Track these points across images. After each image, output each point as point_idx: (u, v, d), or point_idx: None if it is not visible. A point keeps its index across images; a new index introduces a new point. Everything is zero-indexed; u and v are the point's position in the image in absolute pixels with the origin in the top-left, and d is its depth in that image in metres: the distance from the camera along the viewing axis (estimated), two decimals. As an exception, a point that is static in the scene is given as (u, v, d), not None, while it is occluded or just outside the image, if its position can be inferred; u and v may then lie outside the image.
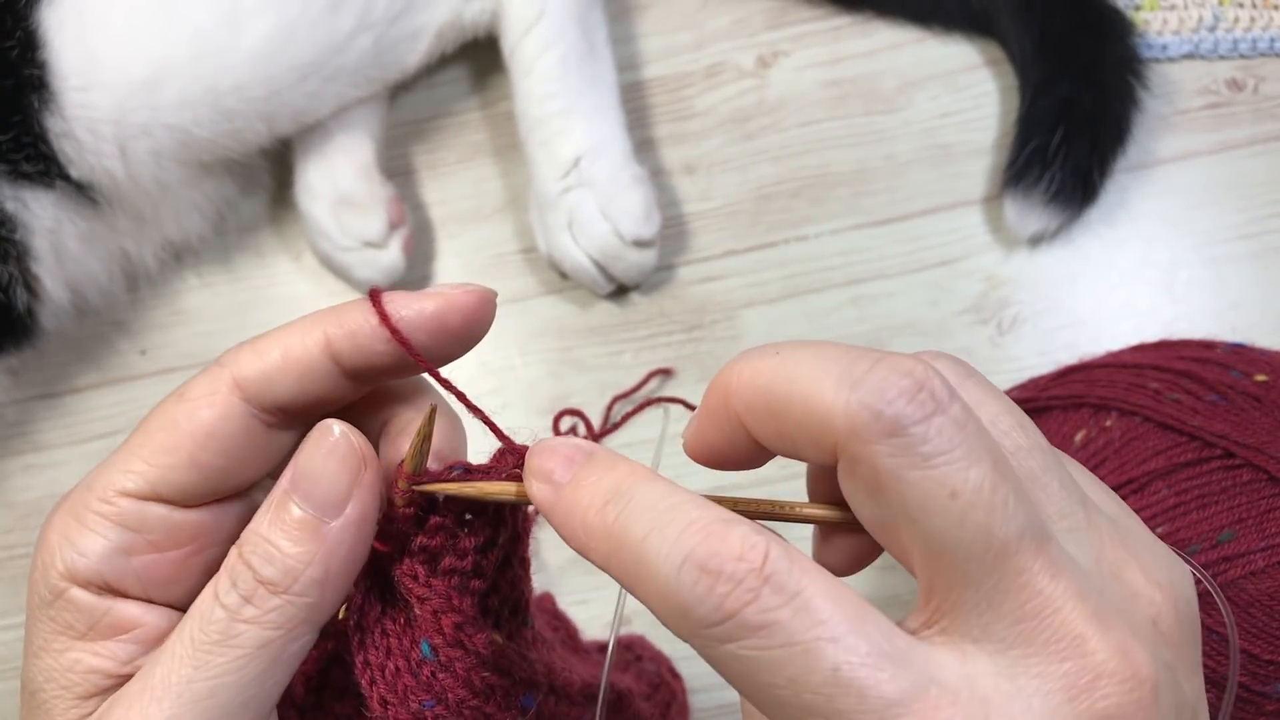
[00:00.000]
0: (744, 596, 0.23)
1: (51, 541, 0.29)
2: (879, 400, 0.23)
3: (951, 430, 0.23)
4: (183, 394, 0.30)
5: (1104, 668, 0.23)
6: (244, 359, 0.29)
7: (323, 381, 0.29)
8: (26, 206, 0.58)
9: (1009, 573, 0.23)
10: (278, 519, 0.28)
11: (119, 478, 0.29)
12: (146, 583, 0.29)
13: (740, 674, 0.23)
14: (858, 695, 0.22)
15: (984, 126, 0.68)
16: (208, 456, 0.29)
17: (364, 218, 0.65)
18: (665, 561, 0.24)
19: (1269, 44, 0.67)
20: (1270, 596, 0.43)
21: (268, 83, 0.60)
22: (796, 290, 0.66)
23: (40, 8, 0.57)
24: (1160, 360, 0.51)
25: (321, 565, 0.28)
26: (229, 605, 0.28)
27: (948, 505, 0.23)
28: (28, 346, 0.63)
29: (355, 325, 0.29)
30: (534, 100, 0.64)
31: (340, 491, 0.28)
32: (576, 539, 0.26)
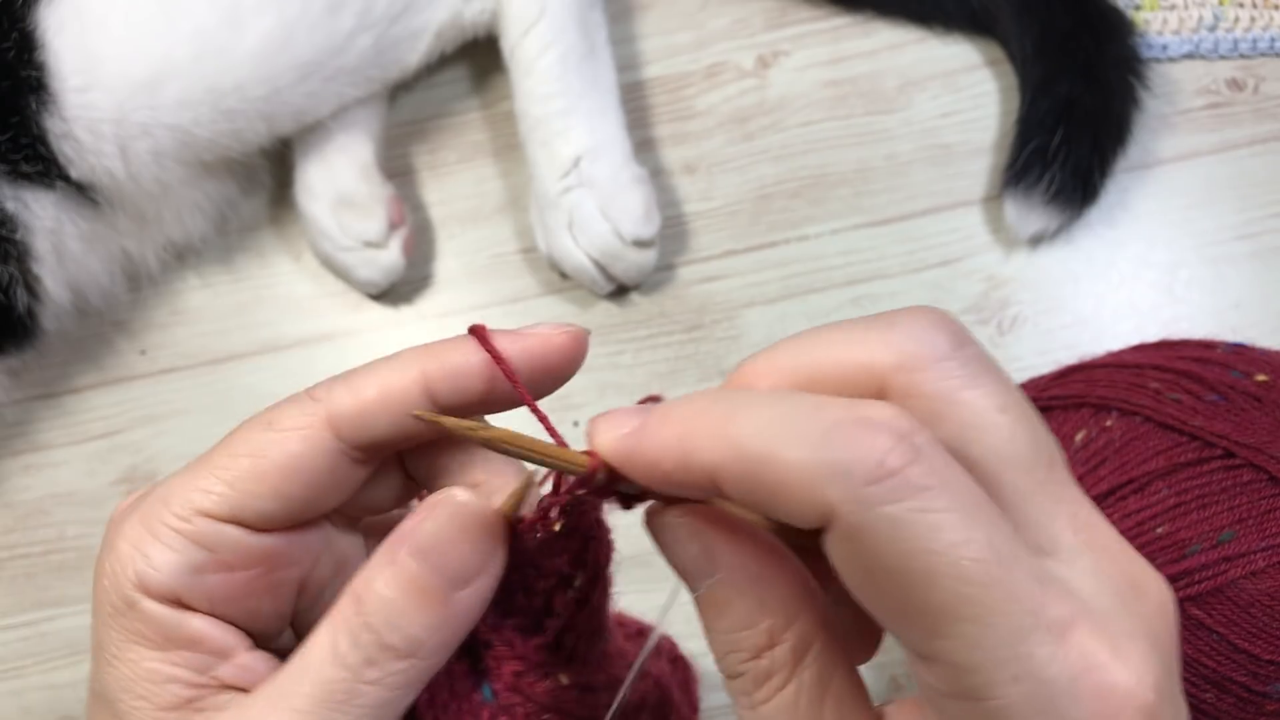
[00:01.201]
0: (907, 454, 0.22)
1: (122, 550, 0.29)
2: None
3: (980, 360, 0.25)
4: (271, 422, 0.29)
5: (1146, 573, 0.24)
6: (337, 394, 0.29)
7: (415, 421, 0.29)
8: (27, 207, 0.58)
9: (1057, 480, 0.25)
10: (404, 585, 0.27)
11: (199, 497, 0.28)
12: (214, 601, 0.29)
13: (891, 541, 0.22)
14: (1010, 567, 0.22)
15: (984, 126, 0.68)
16: (292, 488, 0.29)
17: (364, 218, 0.65)
18: (806, 432, 0.22)
19: (1269, 44, 0.67)
20: (1270, 596, 0.43)
21: (268, 82, 0.60)
22: (796, 290, 0.66)
23: (38, 8, 0.57)
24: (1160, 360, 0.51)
25: (445, 633, 0.28)
26: (352, 666, 0.27)
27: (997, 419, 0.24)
28: (28, 347, 0.63)
29: (456, 365, 0.28)
30: (534, 100, 0.64)
31: (473, 567, 0.28)
32: (672, 454, 0.24)
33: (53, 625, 0.63)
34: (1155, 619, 0.24)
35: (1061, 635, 0.22)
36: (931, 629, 0.22)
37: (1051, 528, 0.24)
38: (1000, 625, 0.22)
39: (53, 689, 0.62)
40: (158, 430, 0.66)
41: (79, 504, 0.65)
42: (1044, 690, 0.22)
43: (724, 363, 0.65)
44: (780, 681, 0.26)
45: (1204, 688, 0.44)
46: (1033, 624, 0.22)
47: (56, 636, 0.63)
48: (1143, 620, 0.24)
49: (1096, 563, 0.24)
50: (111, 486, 0.65)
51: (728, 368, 0.64)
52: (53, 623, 0.63)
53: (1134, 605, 0.24)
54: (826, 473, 0.22)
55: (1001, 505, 0.24)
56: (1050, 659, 0.22)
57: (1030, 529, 0.24)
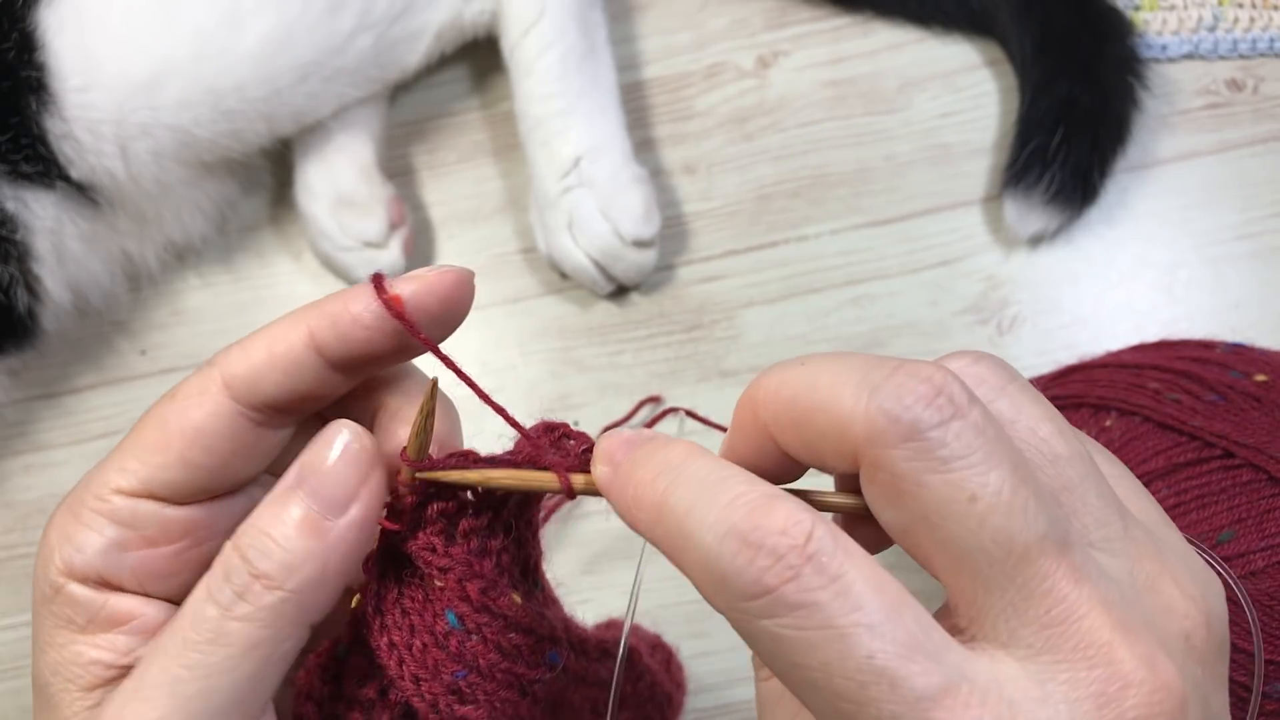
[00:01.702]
0: (785, 573, 0.23)
1: (50, 539, 0.30)
2: (896, 405, 0.23)
3: (970, 435, 0.23)
4: (174, 394, 0.30)
5: (1132, 677, 0.23)
6: (232, 358, 0.29)
7: (309, 376, 0.29)
8: (27, 207, 0.58)
9: (1031, 578, 0.23)
10: (279, 514, 0.28)
11: (113, 476, 0.29)
12: (141, 577, 0.30)
13: (774, 652, 0.23)
14: (890, 685, 0.22)
15: (984, 126, 0.68)
16: (197, 455, 0.29)
17: (364, 218, 0.65)
18: (708, 531, 0.24)
19: (1269, 44, 0.67)
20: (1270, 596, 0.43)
21: (268, 83, 0.60)
22: (796, 290, 0.66)
23: (38, 9, 0.57)
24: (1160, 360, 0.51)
25: (320, 563, 0.28)
26: (221, 601, 0.28)
27: (967, 510, 0.23)
28: (28, 347, 0.63)
29: (337, 314, 0.29)
30: (534, 100, 0.64)
31: (347, 491, 0.28)
32: (628, 513, 0.27)
33: (53, 625, 0.63)
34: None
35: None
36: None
37: (1011, 623, 0.23)
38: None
39: (53, 689, 0.62)
40: (158, 430, 0.66)
41: (79, 504, 0.65)
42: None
43: (723, 363, 0.65)
44: None
45: (1203, 687, 0.44)
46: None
47: (56, 636, 0.63)
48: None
49: (1055, 664, 0.23)
50: (111, 486, 0.66)
51: (727, 368, 0.65)
52: (53, 623, 0.63)
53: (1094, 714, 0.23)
54: (715, 586, 0.24)
55: (967, 594, 0.24)
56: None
57: (986, 623, 0.24)
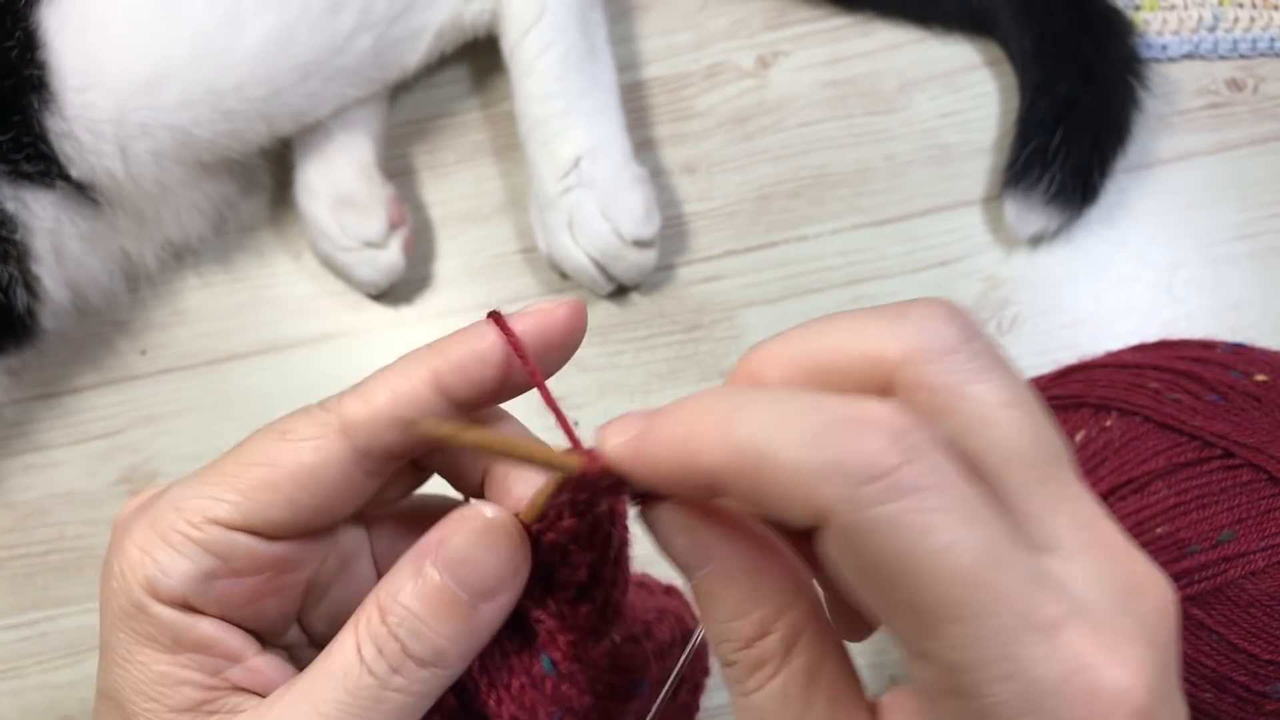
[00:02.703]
0: (903, 454, 0.21)
1: (132, 554, 0.29)
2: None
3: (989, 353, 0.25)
4: (285, 431, 0.29)
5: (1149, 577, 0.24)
6: (350, 404, 0.29)
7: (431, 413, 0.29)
8: (27, 207, 0.58)
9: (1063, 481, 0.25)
10: (430, 598, 0.28)
11: (211, 505, 0.29)
12: (223, 605, 0.29)
13: (885, 541, 0.22)
14: (1004, 568, 0.22)
15: (984, 126, 0.68)
16: (306, 498, 0.29)
17: (364, 218, 0.65)
18: (801, 431, 0.22)
19: (1269, 44, 0.67)
20: (1270, 596, 0.43)
21: (268, 83, 0.60)
22: (796, 290, 0.66)
23: (40, 7, 0.57)
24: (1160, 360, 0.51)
25: (469, 643, 0.28)
26: (378, 674, 0.28)
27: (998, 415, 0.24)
28: (28, 347, 0.63)
29: (463, 357, 0.29)
30: (534, 100, 0.64)
31: (496, 581, 0.28)
32: (674, 454, 0.24)
33: (53, 625, 0.63)
34: (1154, 620, 0.24)
35: (1053, 635, 0.22)
36: (922, 629, 0.22)
37: (1051, 525, 0.24)
38: (989, 626, 0.22)
39: (52, 689, 0.62)
40: (158, 430, 0.66)
41: (79, 504, 0.65)
42: (1034, 689, 0.22)
43: (724, 363, 0.65)
44: (771, 671, 0.26)
45: (1204, 687, 0.44)
46: (1023, 624, 0.22)
47: (56, 636, 0.63)
48: (1140, 621, 0.24)
49: (1095, 562, 0.24)
50: (111, 486, 0.65)
51: (728, 368, 0.64)
52: (53, 623, 0.63)
53: (1132, 605, 0.24)
54: (820, 472, 0.22)
55: (1002, 500, 0.24)
56: (1041, 659, 0.22)
57: (1029, 525, 0.24)
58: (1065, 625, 0.22)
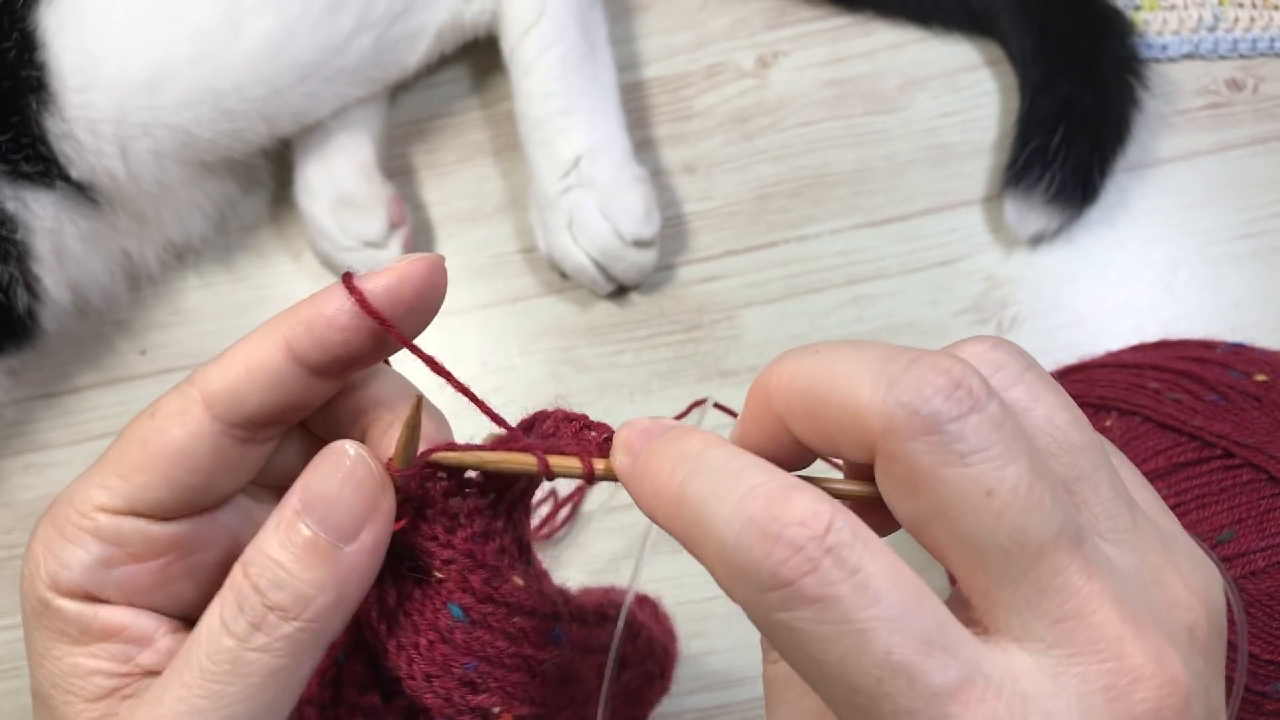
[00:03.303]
0: (804, 565, 0.22)
1: (36, 553, 0.29)
2: (915, 398, 0.23)
3: (988, 429, 0.23)
4: (154, 411, 0.29)
5: (1141, 671, 0.23)
6: (210, 375, 0.29)
7: (291, 386, 0.29)
8: (27, 207, 0.58)
9: (1045, 573, 0.23)
10: (288, 541, 0.27)
11: (96, 493, 0.29)
12: (128, 591, 0.29)
13: (790, 644, 0.23)
14: (907, 680, 0.22)
15: (984, 126, 0.68)
16: (181, 474, 0.29)
17: (364, 218, 0.65)
18: (725, 524, 0.24)
19: (1269, 44, 0.67)
20: (1270, 596, 0.43)
21: (268, 83, 0.60)
22: (796, 290, 0.66)
23: (39, 8, 0.57)
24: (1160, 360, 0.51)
25: (335, 591, 0.28)
26: (238, 633, 0.27)
27: (984, 504, 0.23)
28: (28, 347, 0.63)
29: (311, 319, 0.28)
30: (534, 100, 0.64)
31: (357, 518, 0.28)
32: (646, 503, 0.27)
33: (53, 625, 0.63)
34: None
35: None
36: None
37: (1024, 617, 0.24)
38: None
39: (53, 689, 0.62)
40: (158, 430, 0.66)
41: (79, 504, 0.65)
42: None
43: (723, 363, 0.65)
44: None
45: (1203, 687, 0.44)
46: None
47: (56, 636, 0.63)
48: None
49: (1068, 658, 0.23)
50: (111, 486, 0.66)
51: (727, 368, 0.65)
52: (53, 623, 0.63)
53: (1105, 707, 0.23)
54: (733, 577, 0.24)
55: (979, 588, 0.24)
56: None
57: (1000, 616, 0.24)
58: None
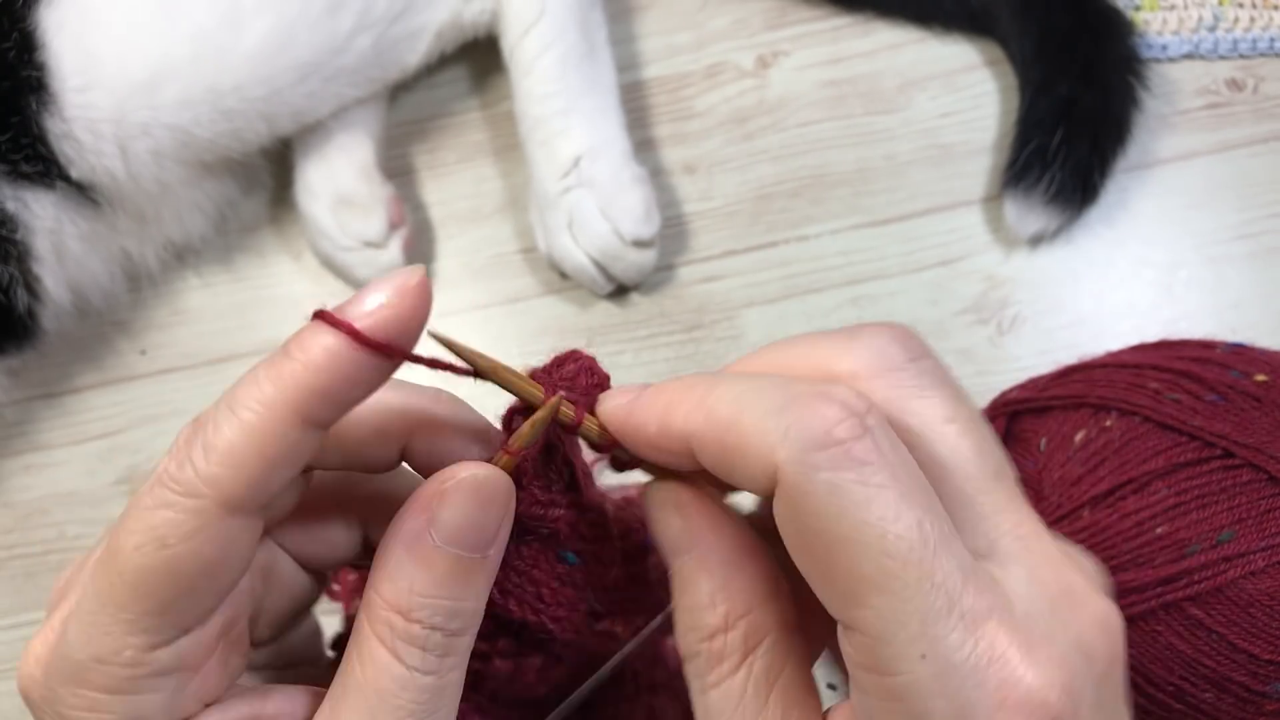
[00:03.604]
0: (854, 429, 0.23)
1: None
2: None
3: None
4: (165, 540, 0.25)
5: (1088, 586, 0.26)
6: (221, 478, 0.25)
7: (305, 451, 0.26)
8: (27, 207, 0.58)
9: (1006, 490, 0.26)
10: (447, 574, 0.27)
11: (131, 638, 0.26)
12: (203, 695, 0.28)
13: (827, 506, 0.23)
14: (933, 551, 0.23)
15: (984, 126, 0.68)
16: (220, 583, 0.27)
17: (364, 218, 0.65)
18: (769, 401, 0.24)
19: (1269, 44, 0.67)
20: (1270, 596, 0.43)
21: (268, 83, 0.60)
22: (796, 290, 0.66)
23: (38, 8, 0.57)
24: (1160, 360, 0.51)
25: (484, 596, 0.29)
26: (431, 669, 0.27)
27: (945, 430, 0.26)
28: (28, 347, 0.63)
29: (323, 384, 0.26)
30: (534, 100, 0.64)
31: (494, 530, 0.28)
32: (659, 423, 0.27)
33: (53, 625, 0.63)
34: (1088, 630, 0.25)
35: (975, 625, 0.23)
36: (853, 596, 0.24)
37: (989, 533, 0.25)
38: (915, 602, 0.23)
39: (53, 689, 0.62)
40: (158, 430, 0.66)
41: (79, 504, 0.65)
42: (950, 673, 0.23)
43: (724, 362, 0.64)
44: (730, 668, 0.27)
45: (1204, 688, 0.44)
46: (947, 608, 0.23)
47: (56, 636, 0.63)
48: (1069, 628, 0.25)
49: (1031, 568, 0.25)
50: (111, 486, 0.66)
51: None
52: (53, 623, 0.63)
53: (1063, 614, 0.25)
54: (778, 436, 0.24)
55: (945, 506, 0.25)
56: (959, 645, 0.23)
57: (968, 531, 0.25)
58: (988, 618, 0.23)
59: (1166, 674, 0.45)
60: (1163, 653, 0.45)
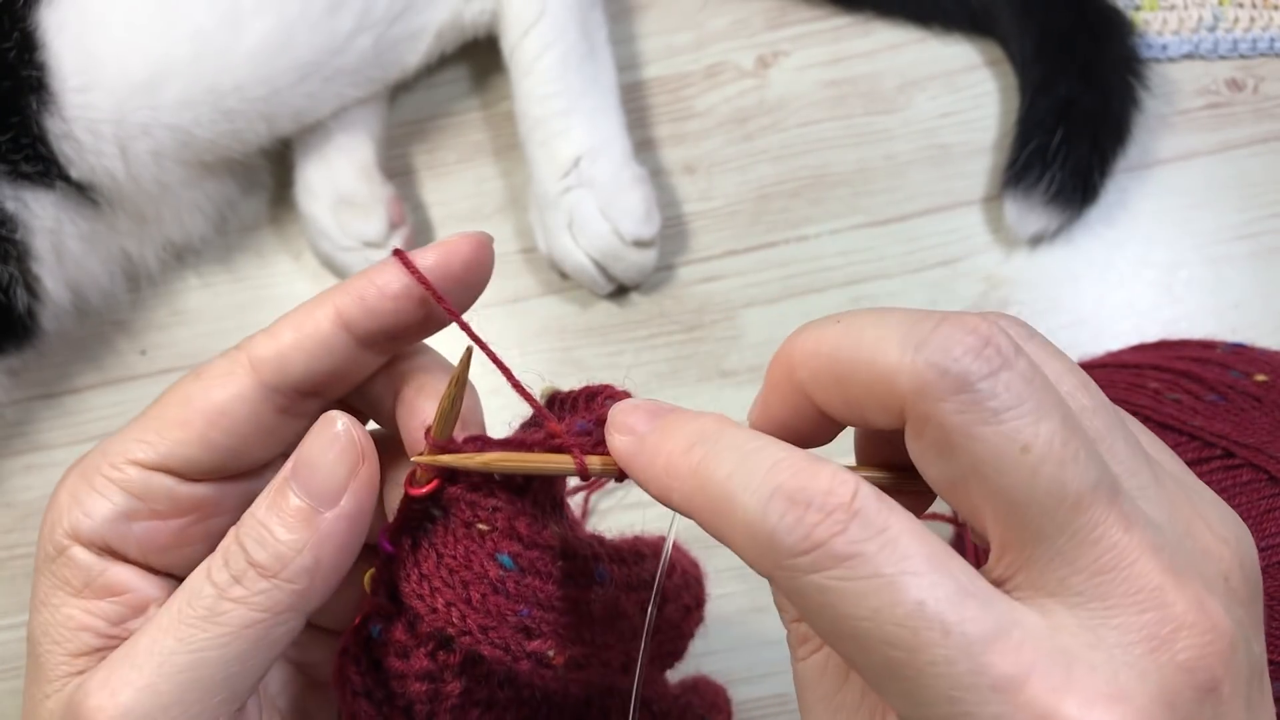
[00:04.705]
0: (833, 527, 0.23)
1: (61, 500, 0.30)
2: (945, 358, 0.23)
3: (1020, 385, 0.23)
4: (200, 373, 0.30)
5: (1183, 620, 0.23)
6: (258, 341, 0.30)
7: (337, 355, 0.30)
8: (27, 207, 0.58)
9: (1084, 526, 0.23)
10: (275, 505, 0.29)
11: (131, 446, 0.30)
12: (145, 548, 0.30)
13: (822, 606, 0.23)
14: (941, 630, 0.22)
15: (984, 126, 0.68)
16: (218, 435, 0.30)
17: (364, 218, 0.65)
18: (753, 494, 0.24)
19: (1269, 44, 0.67)
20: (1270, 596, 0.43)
21: (268, 83, 0.60)
22: (796, 290, 0.66)
23: (39, 8, 0.57)
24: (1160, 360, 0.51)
25: (312, 554, 0.29)
26: (218, 583, 0.28)
27: (1019, 460, 0.23)
28: (28, 347, 0.63)
29: (364, 291, 0.30)
30: (534, 100, 0.64)
31: (337, 483, 0.29)
32: (658, 482, 0.27)
33: (53, 625, 0.63)
34: (1175, 672, 0.23)
35: (1014, 692, 0.22)
36: (877, 687, 0.24)
37: (1060, 572, 0.23)
38: (932, 687, 0.22)
39: (53, 689, 0.62)
40: (158, 430, 0.66)
41: (79, 504, 0.65)
42: None
43: (724, 363, 0.65)
44: (815, 644, 0.28)
45: (1204, 687, 0.44)
46: (973, 682, 0.22)
47: (56, 636, 0.63)
48: (1151, 671, 0.23)
49: (1106, 611, 0.23)
50: (111, 486, 0.66)
51: (727, 368, 0.65)
52: (53, 623, 0.63)
53: (1147, 657, 0.23)
54: (761, 541, 0.24)
55: (1015, 545, 0.24)
56: (996, 717, 0.22)
57: (1035, 571, 0.24)
58: (1028, 681, 0.22)
59: (1166, 674, 0.45)
60: (1163, 653, 0.45)
